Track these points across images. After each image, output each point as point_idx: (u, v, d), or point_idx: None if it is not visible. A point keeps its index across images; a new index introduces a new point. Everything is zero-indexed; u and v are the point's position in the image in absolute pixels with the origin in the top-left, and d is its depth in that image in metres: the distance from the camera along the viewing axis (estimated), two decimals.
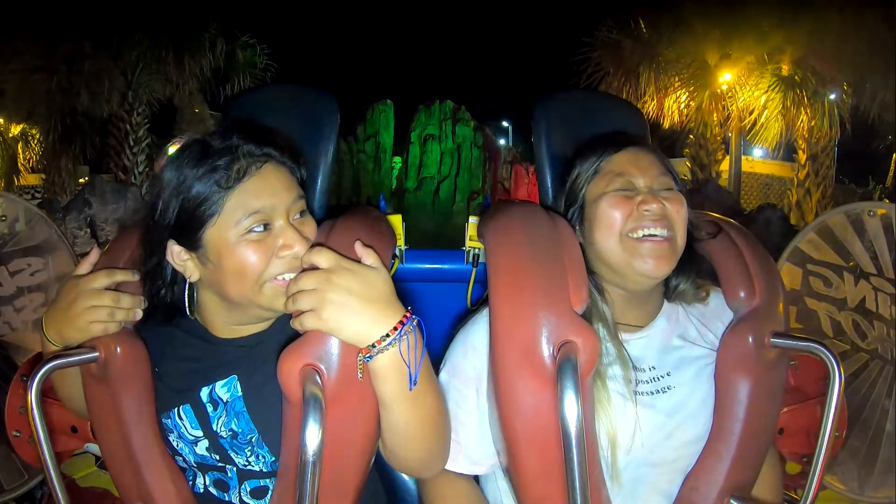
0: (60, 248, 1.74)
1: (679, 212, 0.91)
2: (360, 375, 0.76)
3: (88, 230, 6.38)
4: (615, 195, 0.92)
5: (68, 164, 9.69)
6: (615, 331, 0.92)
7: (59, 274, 1.71)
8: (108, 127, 9.36)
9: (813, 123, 8.77)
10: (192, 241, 0.83)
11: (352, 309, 0.73)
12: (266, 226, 0.82)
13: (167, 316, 0.92)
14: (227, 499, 0.95)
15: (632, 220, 0.90)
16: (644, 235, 0.89)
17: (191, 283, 0.89)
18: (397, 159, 9.89)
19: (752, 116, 9.14)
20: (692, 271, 0.99)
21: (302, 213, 0.86)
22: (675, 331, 0.97)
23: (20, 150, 10.45)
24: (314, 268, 0.76)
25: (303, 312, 0.75)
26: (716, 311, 1.00)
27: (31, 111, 8.91)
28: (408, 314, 0.76)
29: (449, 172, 9.54)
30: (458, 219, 9.29)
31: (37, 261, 1.71)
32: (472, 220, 1.18)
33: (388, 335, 0.73)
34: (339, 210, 0.98)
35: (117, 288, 0.89)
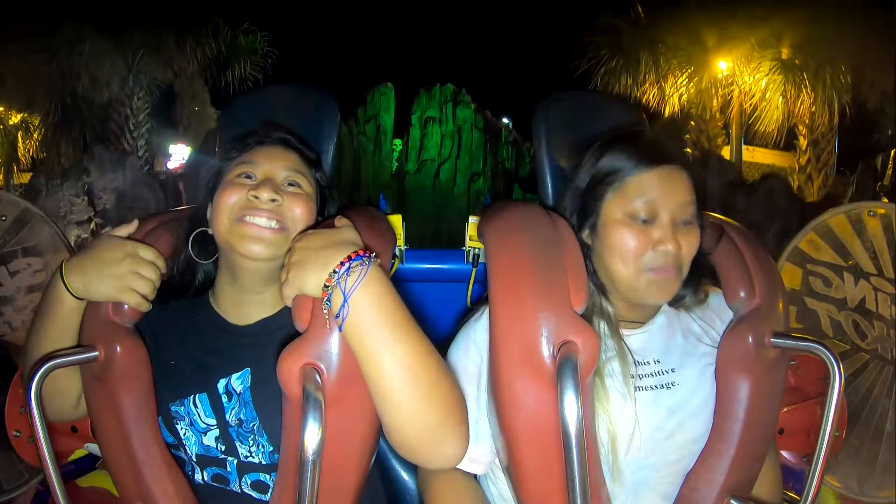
0: (60, 248, 1.74)
1: (691, 250, 0.90)
2: (327, 325, 0.76)
3: (86, 198, 6.37)
4: (633, 229, 0.88)
5: (68, 150, 9.63)
6: (617, 326, 0.92)
7: None
8: (109, 111, 9.30)
9: (814, 109, 8.71)
10: None
11: (308, 262, 0.77)
12: (250, 176, 0.93)
13: (193, 294, 0.99)
14: (228, 489, 0.96)
15: (645, 257, 0.88)
16: (653, 269, 0.88)
17: (211, 263, 0.98)
18: (398, 142, 9.95)
19: (754, 100, 9.06)
20: (698, 283, 0.98)
21: (292, 184, 0.95)
22: (677, 326, 0.97)
23: (20, 139, 10.39)
24: None
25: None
26: (715, 311, 1.00)
27: (32, 94, 8.82)
28: (360, 251, 0.77)
29: (449, 155, 9.61)
30: (458, 201, 9.38)
31: (37, 261, 1.70)
32: (472, 220, 1.19)
33: (335, 271, 0.75)
34: (338, 210, 0.98)
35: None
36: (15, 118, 10.29)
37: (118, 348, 0.88)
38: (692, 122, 9.78)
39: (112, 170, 6.76)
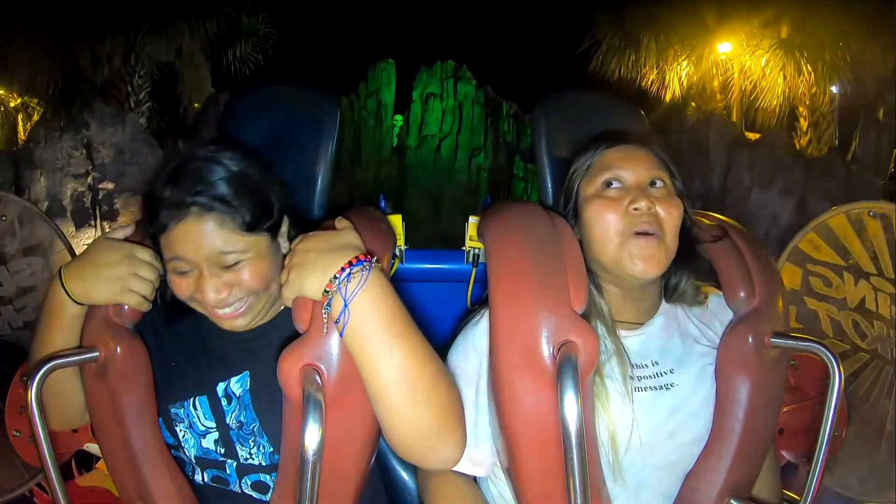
0: (60, 247, 1.74)
1: (670, 214, 0.90)
2: (324, 329, 0.76)
3: (84, 151, 6.32)
4: (604, 198, 0.92)
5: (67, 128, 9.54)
6: (613, 327, 0.93)
7: None
8: (110, 89, 9.19)
9: (814, 90, 8.66)
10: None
11: (308, 265, 0.77)
12: (188, 272, 0.85)
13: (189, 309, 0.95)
14: (228, 489, 0.96)
15: (622, 222, 0.90)
16: (635, 233, 0.89)
17: None
18: (398, 117, 9.98)
19: (753, 78, 8.97)
20: (692, 271, 0.99)
21: (235, 265, 0.84)
22: (675, 328, 0.97)
23: (20, 121, 10.28)
24: None
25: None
26: (714, 312, 1.00)
27: (33, 71, 8.67)
28: (361, 256, 0.76)
29: (450, 130, 9.67)
30: (459, 175, 9.44)
31: (37, 261, 1.71)
32: (472, 220, 1.19)
33: (336, 276, 0.75)
34: (338, 210, 0.98)
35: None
36: (15, 101, 10.19)
37: (118, 349, 0.88)
38: (693, 104, 9.66)
39: (111, 124, 6.71)
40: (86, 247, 0.93)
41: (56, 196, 6.59)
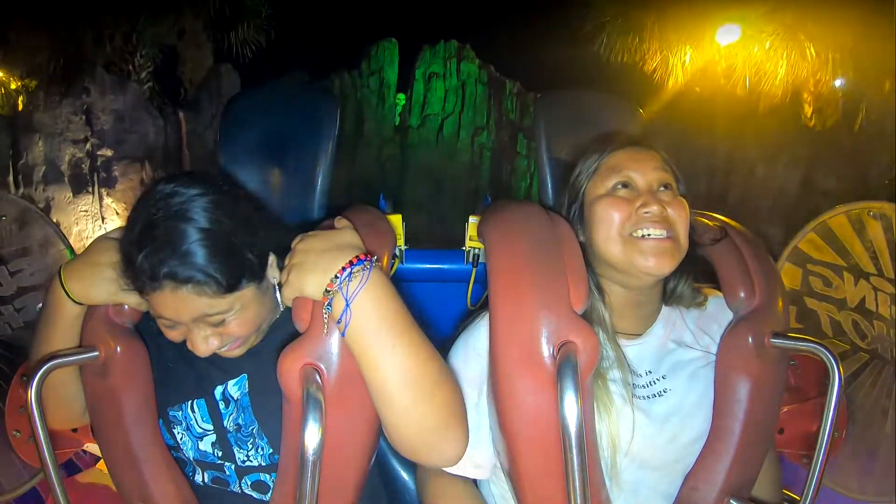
0: (60, 247, 1.74)
1: (680, 214, 0.91)
2: (325, 329, 0.76)
3: (84, 117, 6.27)
4: (614, 197, 0.92)
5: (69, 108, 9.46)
6: (613, 335, 0.92)
7: None
8: (111, 69, 9.15)
9: (818, 77, 8.62)
10: None
11: (308, 265, 0.76)
12: (174, 327, 0.85)
13: None
14: (228, 490, 0.96)
15: (631, 223, 0.90)
16: (644, 235, 0.90)
17: None
18: (401, 96, 9.98)
19: (758, 62, 8.93)
20: (690, 273, 0.99)
21: (219, 324, 0.85)
22: (670, 336, 0.97)
23: (20, 103, 10.22)
24: None
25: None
26: (713, 315, 1.00)
27: (34, 51, 8.60)
28: (361, 256, 0.76)
29: (453, 110, 9.66)
30: (461, 156, 9.47)
31: (37, 261, 1.71)
32: (472, 219, 1.19)
33: (336, 276, 0.74)
34: (338, 210, 0.98)
35: None
36: (16, 83, 10.11)
37: (118, 348, 0.88)
38: (697, 88, 9.60)
39: (112, 92, 6.64)
40: (85, 232, 0.93)
41: (54, 161, 6.42)
